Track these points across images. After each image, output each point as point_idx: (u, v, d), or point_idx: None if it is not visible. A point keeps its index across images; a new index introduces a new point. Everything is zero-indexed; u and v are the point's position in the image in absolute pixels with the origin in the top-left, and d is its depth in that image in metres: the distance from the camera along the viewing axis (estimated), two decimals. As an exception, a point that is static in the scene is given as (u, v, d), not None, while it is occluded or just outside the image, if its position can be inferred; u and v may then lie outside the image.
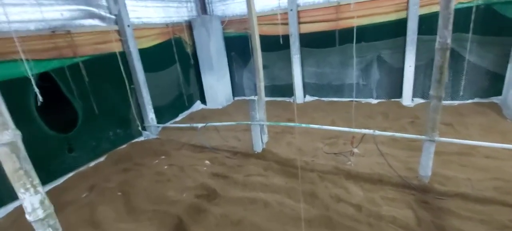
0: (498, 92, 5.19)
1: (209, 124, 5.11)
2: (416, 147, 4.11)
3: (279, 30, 6.84)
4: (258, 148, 4.62)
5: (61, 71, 4.54)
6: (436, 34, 5.60)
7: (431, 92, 3.10)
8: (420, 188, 3.27)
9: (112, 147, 5.40)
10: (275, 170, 4.09)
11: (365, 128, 5.19)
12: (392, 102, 6.14)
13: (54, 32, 4.44)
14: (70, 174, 4.65)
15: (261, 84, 4.29)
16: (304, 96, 7.23)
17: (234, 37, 7.68)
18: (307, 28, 6.60)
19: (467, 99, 5.54)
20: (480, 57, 5.21)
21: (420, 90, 5.87)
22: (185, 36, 7.40)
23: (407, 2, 5.43)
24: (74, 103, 4.78)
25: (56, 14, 4.53)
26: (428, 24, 5.36)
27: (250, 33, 4.20)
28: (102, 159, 5.18)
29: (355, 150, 3.52)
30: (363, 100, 6.54)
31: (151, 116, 6.02)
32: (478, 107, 5.20)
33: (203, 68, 7.56)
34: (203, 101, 8.05)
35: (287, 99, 7.51)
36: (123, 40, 5.53)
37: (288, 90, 7.43)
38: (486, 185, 3.22)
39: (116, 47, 5.49)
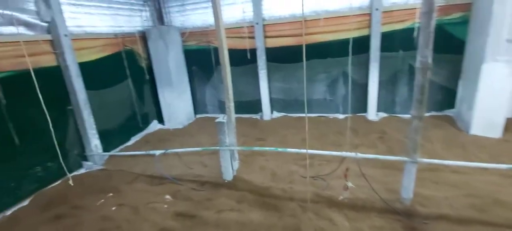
0: (451, 106, 5.59)
1: (169, 151, 4.39)
2: (390, 165, 4.05)
3: (245, 44, 6.50)
4: (229, 176, 4.07)
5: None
6: (397, 51, 5.98)
7: (413, 112, 3.00)
8: (405, 212, 3.11)
9: (39, 186, 4.27)
10: (250, 202, 3.59)
11: (336, 145, 5.11)
12: (358, 117, 6.20)
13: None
14: (-25, 230, 3.46)
15: (231, 105, 3.80)
16: (272, 112, 6.94)
17: (195, 50, 7.09)
18: (274, 43, 6.39)
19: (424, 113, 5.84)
20: (434, 74, 5.56)
21: (383, 105, 6.05)
22: (139, 49, 6.55)
23: (369, 20, 5.59)
24: (-17, 134, 3.64)
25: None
26: (389, 41, 5.57)
27: (214, 46, 3.72)
28: (25, 203, 4.03)
29: (350, 184, 3.22)
30: (331, 115, 6.50)
31: (94, 142, 5.01)
32: (436, 120, 5.50)
33: (161, 84, 6.77)
34: (161, 120, 7.18)
35: (254, 116, 7.13)
36: (58, 53, 4.53)
37: (254, 107, 7.06)
38: (462, 203, 3.22)
39: (48, 61, 4.48)
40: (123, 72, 6.10)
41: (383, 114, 6.06)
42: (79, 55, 4.93)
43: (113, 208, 3.72)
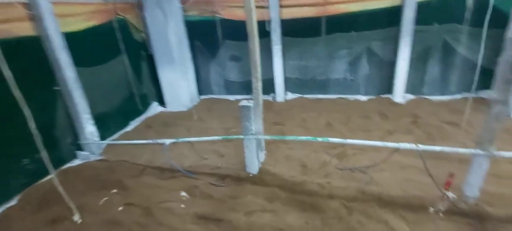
0: (486, 86, 5.11)
1: (181, 140, 3.73)
2: (437, 155, 3.57)
3: (258, 15, 5.67)
4: (254, 168, 3.50)
5: None
6: (431, 24, 5.37)
7: (496, 95, 2.44)
8: (473, 213, 2.66)
9: (29, 182, 3.59)
10: (283, 201, 3.06)
11: (365, 130, 4.59)
12: (382, 99, 5.66)
13: None
14: None
15: (259, 85, 3.14)
16: (285, 94, 6.31)
17: (197, 22, 6.22)
18: (290, 13, 5.61)
19: (455, 94, 5.38)
20: (470, 51, 5.01)
21: (410, 85, 5.51)
22: (134, 19, 5.64)
23: (403, -12, 4.88)
24: None
25: None
26: (423, 13, 4.92)
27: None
28: (12, 202, 3.37)
29: (450, 194, 2.66)
30: (351, 97, 5.94)
31: (89, 128, 4.28)
32: (471, 103, 5.03)
33: (160, 60, 5.94)
34: (162, 102, 6.44)
35: (265, 97, 6.48)
36: (36, 18, 3.65)
37: (266, 87, 6.38)
38: (531, 200, 2.79)
39: (26, 30, 3.61)
40: (116, 46, 5.23)
41: (410, 96, 5.54)
42: (63, 23, 4.05)
43: (120, 208, 3.12)
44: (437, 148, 2.71)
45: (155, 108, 6.33)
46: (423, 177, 3.17)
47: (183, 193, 3.32)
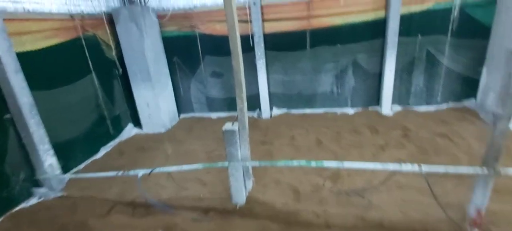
0: (470, 96, 5.13)
1: (156, 171, 3.27)
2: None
3: (241, 29, 5.44)
4: (241, 198, 3.12)
5: None
6: (415, 35, 5.36)
7: (499, 110, 2.27)
8: (482, 238, 2.43)
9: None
10: (277, 237, 2.69)
11: (357, 146, 4.38)
12: (370, 111, 5.54)
13: None
14: None
15: (244, 107, 2.81)
16: (271, 109, 6.03)
17: (176, 37, 5.87)
18: (273, 27, 5.42)
19: (441, 104, 5.36)
20: (453, 61, 5.03)
21: (396, 96, 5.44)
22: (105, 35, 5.19)
23: (387, 0, 4.86)
24: None
25: None
26: (406, 25, 4.91)
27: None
28: None
29: None
30: (338, 110, 5.76)
31: (49, 160, 3.71)
32: (456, 113, 5.02)
33: (135, 78, 5.48)
34: (138, 124, 5.92)
35: (250, 113, 6.16)
36: (-18, 37, 3.15)
37: (251, 103, 6.06)
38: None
39: (-33, 50, 3.09)
40: (84, 64, 4.74)
41: (397, 108, 5.46)
42: (18, 42, 3.57)
43: (81, 261, 2.59)
44: (440, 168, 2.48)
45: (130, 130, 5.80)
46: (422, 197, 2.97)
47: (160, 234, 2.85)
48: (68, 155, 4.28)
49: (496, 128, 2.31)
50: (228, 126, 2.89)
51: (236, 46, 2.55)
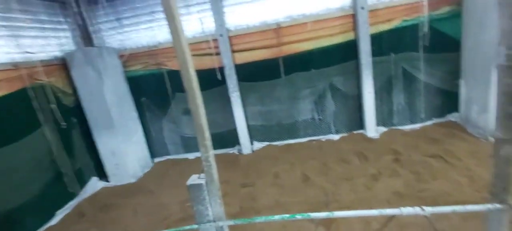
0: (453, 109, 4.99)
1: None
2: (432, 200, 3.03)
3: (209, 63, 5.14)
4: (217, 268, 2.54)
5: None
6: (388, 54, 5.28)
7: (500, 133, 1.97)
8: None
9: None
10: None
11: (348, 178, 3.96)
12: (355, 135, 5.24)
13: None
14: None
15: (210, 155, 2.35)
16: (251, 143, 5.59)
17: (142, 76, 5.46)
18: (244, 58, 5.16)
19: (426, 121, 5.17)
20: (429, 76, 4.93)
21: (379, 117, 5.20)
22: (59, 82, 4.68)
23: (354, 22, 4.77)
24: None
25: None
26: (377, 44, 4.80)
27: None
28: None
29: None
30: (323, 137, 5.43)
31: (-22, 244, 2.98)
32: (443, 129, 4.81)
33: (96, 126, 4.91)
34: (103, 176, 5.24)
35: (230, 150, 5.68)
36: None
37: (229, 139, 5.64)
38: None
39: None
40: (32, 117, 4.16)
41: (382, 129, 5.20)
42: None
43: None
44: (447, 209, 2.10)
45: (94, 185, 5.10)
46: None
47: None
48: (11, 227, 3.55)
49: (499, 156, 1.99)
50: (193, 178, 2.40)
51: (192, 86, 2.15)
